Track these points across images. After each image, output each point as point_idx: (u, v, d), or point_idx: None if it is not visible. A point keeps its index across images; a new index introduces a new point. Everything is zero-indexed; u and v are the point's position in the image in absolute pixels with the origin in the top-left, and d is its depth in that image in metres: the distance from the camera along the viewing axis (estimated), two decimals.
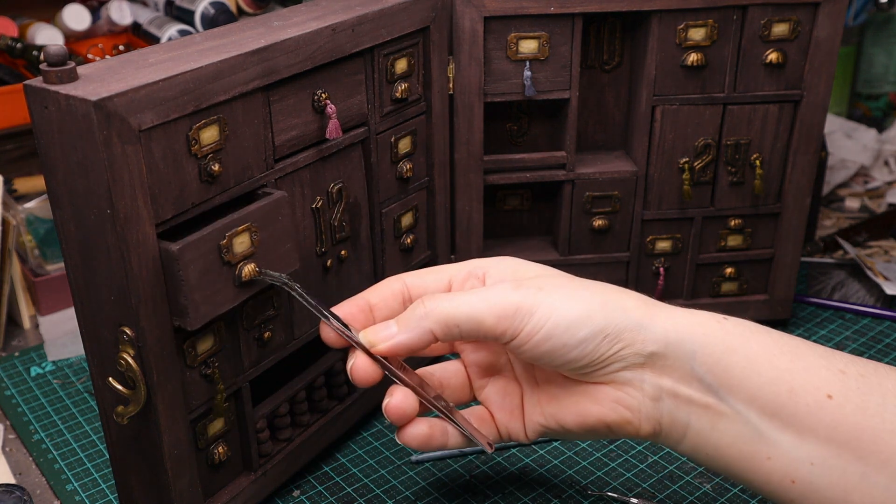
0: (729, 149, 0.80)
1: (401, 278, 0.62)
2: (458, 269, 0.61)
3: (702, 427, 0.55)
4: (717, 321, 0.55)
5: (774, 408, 0.53)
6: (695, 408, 0.55)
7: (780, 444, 0.53)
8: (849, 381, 0.52)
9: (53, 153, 0.53)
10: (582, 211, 0.82)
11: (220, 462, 0.64)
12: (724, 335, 0.54)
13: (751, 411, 0.53)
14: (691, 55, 0.76)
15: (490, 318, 0.55)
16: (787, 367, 0.53)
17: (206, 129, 0.57)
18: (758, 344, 0.54)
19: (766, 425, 0.53)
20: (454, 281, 0.61)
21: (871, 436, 0.50)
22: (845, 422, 0.51)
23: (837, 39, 0.77)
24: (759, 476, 0.54)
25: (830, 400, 0.51)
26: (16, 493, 0.67)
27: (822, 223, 1.09)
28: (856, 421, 0.51)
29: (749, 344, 0.54)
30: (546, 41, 0.75)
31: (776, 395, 0.52)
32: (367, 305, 0.61)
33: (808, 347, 0.54)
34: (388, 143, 0.73)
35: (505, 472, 0.72)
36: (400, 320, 0.57)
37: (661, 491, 0.70)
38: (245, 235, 0.58)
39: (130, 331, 0.55)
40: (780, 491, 0.54)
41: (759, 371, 0.53)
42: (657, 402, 0.56)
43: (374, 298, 0.61)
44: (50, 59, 0.52)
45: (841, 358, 0.54)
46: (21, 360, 0.87)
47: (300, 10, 0.67)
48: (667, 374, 0.55)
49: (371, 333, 0.58)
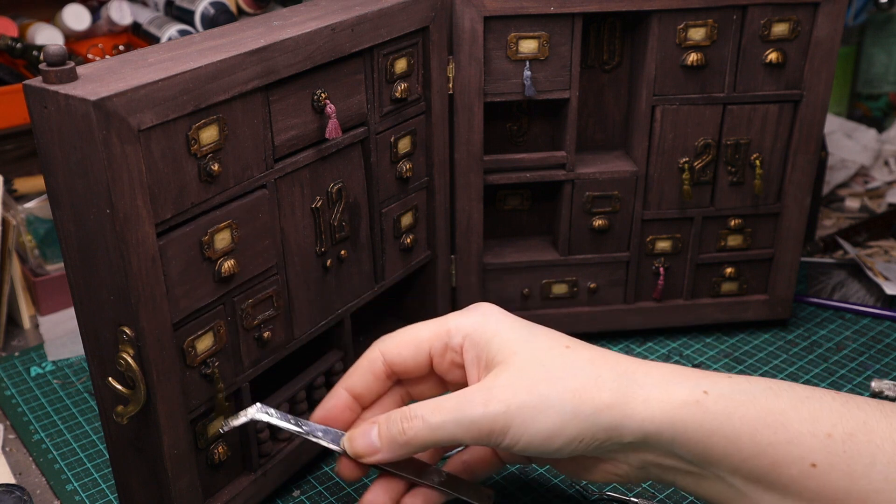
0: (729, 149, 0.80)
1: (379, 356, 0.63)
2: (435, 339, 0.62)
3: (686, 484, 0.58)
4: (696, 401, 0.54)
5: (757, 477, 0.53)
6: (679, 473, 0.57)
7: (765, 500, 0.54)
8: (835, 446, 0.52)
9: (53, 153, 0.53)
10: (582, 211, 0.82)
11: (221, 462, 0.64)
12: (704, 418, 0.54)
13: (734, 478, 0.54)
14: (691, 55, 0.76)
15: (468, 439, 0.57)
16: (770, 442, 0.53)
17: (205, 128, 0.57)
18: (740, 421, 0.53)
19: (750, 489, 0.54)
20: (434, 354, 0.62)
21: (857, 497, 0.51)
22: (831, 487, 0.52)
23: (837, 39, 0.77)
24: None
25: (815, 468, 0.52)
26: (16, 493, 0.68)
27: (822, 223, 1.09)
28: (842, 486, 0.51)
29: (731, 422, 0.53)
30: (546, 41, 0.75)
31: (758, 468, 0.53)
32: (349, 398, 0.63)
33: (796, 412, 0.53)
34: (388, 143, 0.73)
35: (505, 472, 0.72)
36: (382, 437, 0.59)
37: (661, 491, 0.70)
38: (226, 232, 0.59)
39: (130, 331, 0.55)
40: None
41: (741, 448, 0.53)
42: (643, 469, 0.58)
43: (358, 387, 0.63)
44: (50, 59, 0.52)
45: (830, 416, 0.53)
46: (21, 360, 0.87)
47: (300, 10, 0.67)
48: (649, 453, 0.57)
49: (357, 444, 0.60)
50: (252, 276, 0.62)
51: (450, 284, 0.83)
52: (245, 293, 0.63)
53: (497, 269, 0.84)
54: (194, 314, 0.59)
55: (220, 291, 0.60)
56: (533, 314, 0.85)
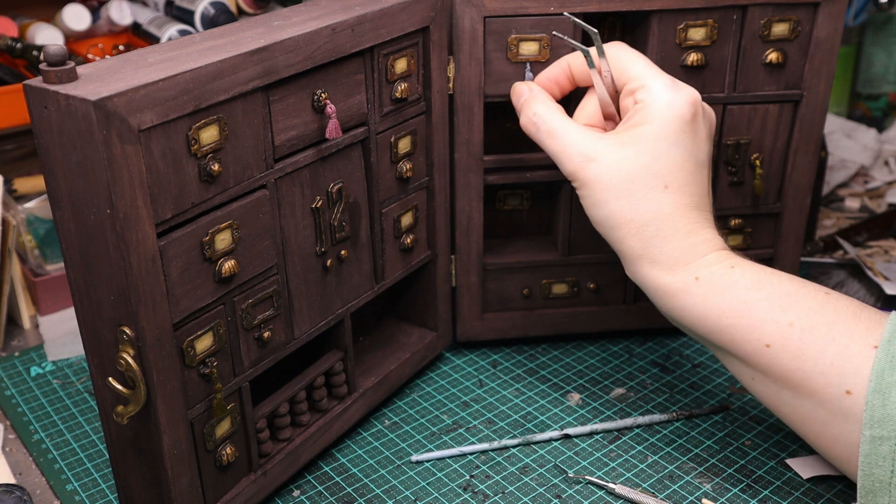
0: (729, 149, 0.80)
1: None
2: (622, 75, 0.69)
3: None
4: (683, 287, 0.65)
5: (718, 346, 0.65)
6: None
7: (727, 360, 0.66)
8: (793, 333, 0.61)
9: (53, 153, 0.53)
10: (582, 211, 0.82)
11: (229, 463, 0.64)
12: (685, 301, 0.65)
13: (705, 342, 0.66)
14: (691, 55, 0.76)
15: None
16: (732, 324, 0.63)
17: (205, 128, 0.57)
18: (712, 305, 0.64)
19: (717, 351, 0.66)
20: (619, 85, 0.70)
21: (801, 375, 0.61)
22: (779, 364, 0.62)
23: (837, 39, 0.77)
24: None
25: (768, 348, 0.62)
26: (16, 493, 0.68)
27: (822, 223, 1.09)
28: (789, 365, 0.61)
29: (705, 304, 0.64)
30: (546, 43, 0.75)
31: (720, 341, 0.64)
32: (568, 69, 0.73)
33: (768, 302, 0.62)
34: (388, 143, 0.73)
35: (505, 472, 0.72)
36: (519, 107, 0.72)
37: (662, 491, 0.70)
38: (226, 232, 0.59)
39: (130, 331, 0.55)
40: None
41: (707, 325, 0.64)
42: None
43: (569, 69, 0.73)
44: (50, 58, 0.52)
45: (800, 310, 0.62)
46: (21, 360, 0.87)
47: (300, 9, 0.67)
48: None
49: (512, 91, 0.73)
50: (252, 276, 0.62)
51: (450, 284, 0.83)
52: (245, 293, 0.63)
53: (497, 269, 0.84)
54: (194, 314, 0.59)
55: (220, 292, 0.60)
56: (533, 314, 0.85)
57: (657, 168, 0.65)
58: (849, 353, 0.59)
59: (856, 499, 0.68)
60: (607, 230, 0.67)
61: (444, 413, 0.79)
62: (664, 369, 0.84)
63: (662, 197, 0.65)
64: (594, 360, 0.85)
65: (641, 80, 0.67)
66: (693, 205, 0.66)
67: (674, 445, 0.74)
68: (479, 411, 0.79)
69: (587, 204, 0.67)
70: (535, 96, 0.71)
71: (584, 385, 0.82)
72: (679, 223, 0.65)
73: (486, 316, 0.85)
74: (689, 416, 0.77)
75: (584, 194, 0.67)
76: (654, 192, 0.65)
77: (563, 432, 0.75)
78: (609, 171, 0.65)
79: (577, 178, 0.67)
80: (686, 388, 0.81)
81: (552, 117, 0.69)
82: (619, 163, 0.65)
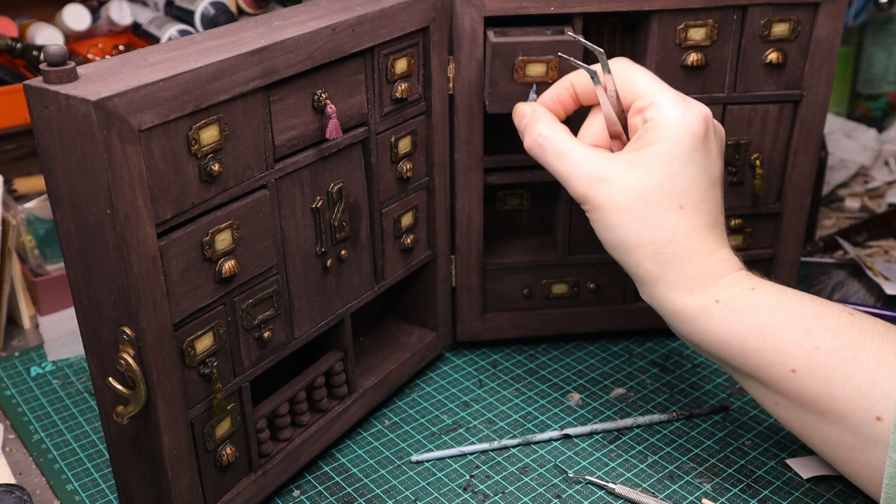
0: (729, 149, 0.80)
1: None
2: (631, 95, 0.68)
3: None
4: (704, 310, 0.63)
5: (741, 371, 0.63)
6: None
7: (748, 384, 0.64)
8: (818, 357, 0.59)
9: (53, 153, 0.53)
10: (581, 211, 0.82)
11: (229, 463, 0.64)
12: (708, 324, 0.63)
13: (725, 367, 0.65)
14: (691, 55, 0.76)
15: None
16: (756, 348, 0.61)
17: (206, 128, 0.57)
18: (734, 329, 0.62)
19: (737, 375, 0.65)
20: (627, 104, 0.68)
21: (828, 401, 0.59)
22: (805, 390, 0.60)
23: (837, 39, 0.77)
24: None
25: (794, 374, 0.60)
26: (16, 493, 0.68)
27: (822, 223, 1.09)
28: (816, 390, 0.59)
29: (727, 329, 0.62)
30: (554, 65, 0.72)
31: (743, 366, 0.63)
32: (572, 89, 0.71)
33: (792, 325, 0.61)
34: (388, 143, 0.73)
35: (505, 472, 0.72)
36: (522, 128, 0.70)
37: (662, 491, 0.70)
38: (227, 232, 0.59)
39: (130, 331, 0.55)
40: None
41: (729, 350, 0.63)
42: None
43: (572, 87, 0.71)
44: (50, 59, 0.52)
45: (825, 333, 0.60)
46: (21, 360, 0.87)
47: (300, 10, 0.67)
48: None
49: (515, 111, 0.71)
50: (252, 276, 0.62)
51: (450, 284, 0.83)
52: (245, 293, 0.63)
53: (497, 269, 0.84)
54: (194, 314, 0.59)
55: (220, 292, 0.60)
56: (533, 314, 0.85)
57: (671, 188, 0.63)
58: (877, 377, 0.57)
59: (856, 498, 0.68)
60: (622, 254, 0.65)
61: (444, 413, 0.79)
62: (664, 369, 0.84)
63: (678, 217, 0.63)
64: (594, 360, 0.86)
65: (650, 97, 0.65)
66: (709, 224, 0.64)
67: (674, 445, 0.74)
68: (479, 411, 0.79)
69: (599, 227, 0.65)
70: (540, 117, 0.68)
71: (584, 385, 0.82)
72: (696, 244, 0.63)
73: (486, 316, 0.85)
74: (688, 416, 0.77)
75: (596, 217, 0.65)
76: (669, 212, 0.63)
77: (563, 432, 0.75)
78: (622, 193, 0.63)
79: (589, 200, 0.65)
80: (686, 388, 0.81)
81: (559, 138, 0.67)
82: (632, 183, 0.63)
